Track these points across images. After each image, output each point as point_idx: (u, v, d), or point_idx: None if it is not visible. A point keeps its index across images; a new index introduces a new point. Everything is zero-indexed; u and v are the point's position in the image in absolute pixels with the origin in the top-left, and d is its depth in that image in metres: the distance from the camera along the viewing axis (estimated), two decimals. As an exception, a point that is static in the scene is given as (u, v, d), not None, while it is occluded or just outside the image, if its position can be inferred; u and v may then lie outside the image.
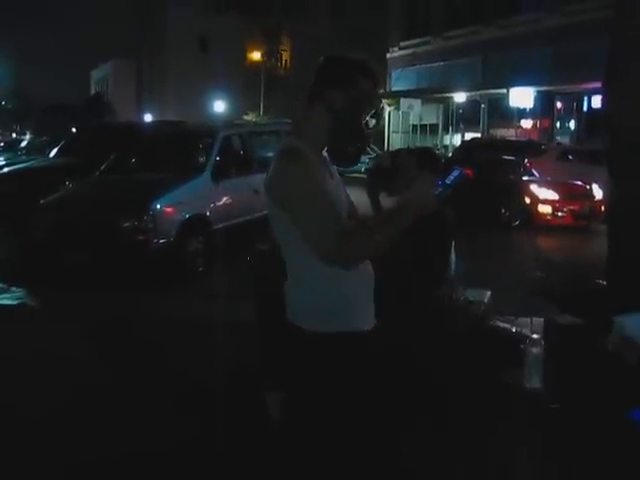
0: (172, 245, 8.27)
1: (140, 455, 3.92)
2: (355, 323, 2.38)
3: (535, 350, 3.10)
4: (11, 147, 30.19)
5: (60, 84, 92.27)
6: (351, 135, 2.41)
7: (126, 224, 8.12)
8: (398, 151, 7.35)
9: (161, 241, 8.20)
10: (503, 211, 13.88)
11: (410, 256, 3.39)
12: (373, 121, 2.42)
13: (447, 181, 2.33)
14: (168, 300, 7.40)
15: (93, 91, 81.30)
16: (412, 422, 2.96)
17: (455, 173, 2.35)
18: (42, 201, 9.03)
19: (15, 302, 7.54)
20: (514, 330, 3.62)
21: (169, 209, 8.45)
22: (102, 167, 10.05)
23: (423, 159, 4.22)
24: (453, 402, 3.20)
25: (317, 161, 2.36)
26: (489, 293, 4.33)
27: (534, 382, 3.10)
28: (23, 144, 27.37)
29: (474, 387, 3.13)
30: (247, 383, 4.24)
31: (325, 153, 2.47)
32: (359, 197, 2.51)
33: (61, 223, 8.48)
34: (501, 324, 3.76)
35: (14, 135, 62.26)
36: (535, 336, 3.18)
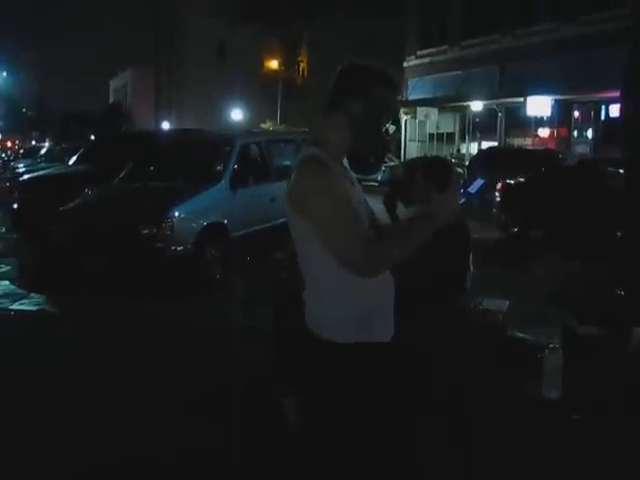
0: (190, 253, 8.34)
1: (154, 460, 3.96)
2: (375, 334, 2.37)
3: (554, 359, 3.09)
4: (30, 154, 30.55)
5: (80, 93, 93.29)
6: (371, 142, 2.41)
7: (145, 231, 8.19)
8: (413, 160, 7.34)
9: (179, 249, 8.27)
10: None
11: (430, 267, 3.40)
12: (393, 128, 2.42)
13: (470, 191, 2.33)
14: (185, 307, 7.46)
15: (112, 100, 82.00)
16: (428, 429, 2.97)
17: (478, 183, 2.36)
18: (62, 208, 9.13)
19: (34, 307, 7.63)
20: (532, 339, 3.62)
21: (187, 217, 8.52)
22: (121, 175, 10.14)
23: (433, 170, 4.23)
24: (470, 410, 3.21)
25: (338, 170, 2.36)
26: (507, 303, 4.32)
27: (553, 392, 3.09)
28: (43, 151, 27.65)
29: (491, 396, 3.13)
30: (263, 389, 4.26)
31: (345, 162, 2.47)
32: (375, 206, 2.52)
33: (80, 230, 8.58)
34: (520, 334, 3.76)
35: (33, 142, 62.90)
36: (553, 345, 3.17)
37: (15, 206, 12.02)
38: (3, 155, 47.31)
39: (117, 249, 8.24)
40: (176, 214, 8.36)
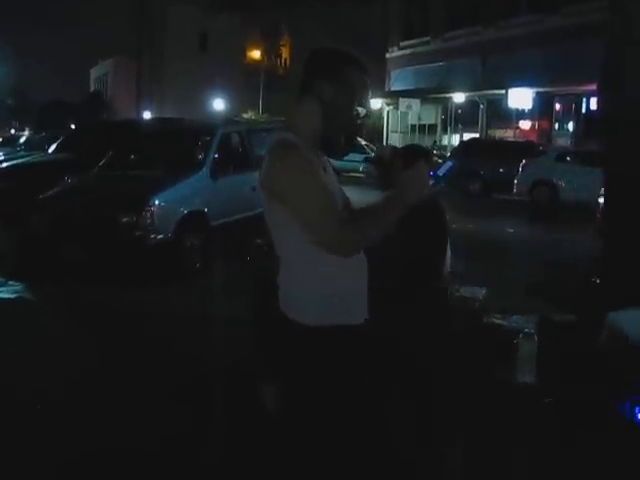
0: (170, 241, 8.30)
1: (135, 450, 3.95)
2: (349, 317, 2.39)
3: (528, 344, 3.12)
4: (10, 143, 30.20)
5: (60, 81, 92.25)
6: (343, 126, 2.42)
7: (124, 220, 8.13)
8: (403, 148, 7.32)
9: (159, 237, 8.23)
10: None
11: (400, 251, 3.40)
12: (363, 111, 2.42)
13: (439, 173, 2.34)
14: (165, 295, 7.44)
15: (92, 89, 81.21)
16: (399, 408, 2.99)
17: (447, 165, 2.37)
18: (40, 196, 9.05)
19: (12, 296, 7.56)
20: (508, 325, 3.65)
21: (167, 205, 8.46)
22: (101, 163, 10.07)
23: (408, 152, 4.24)
24: (437, 395, 3.23)
25: (311, 154, 2.37)
26: (484, 290, 4.36)
27: (527, 376, 3.12)
28: (22, 140, 27.36)
29: (466, 380, 3.16)
30: (243, 377, 4.27)
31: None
32: (356, 197, 2.53)
33: (59, 218, 8.51)
34: (496, 321, 3.79)
35: (13, 131, 62.22)
36: (528, 330, 3.20)
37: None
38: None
39: (96, 238, 8.19)
40: (156, 202, 8.30)
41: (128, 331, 6.21)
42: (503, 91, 26.72)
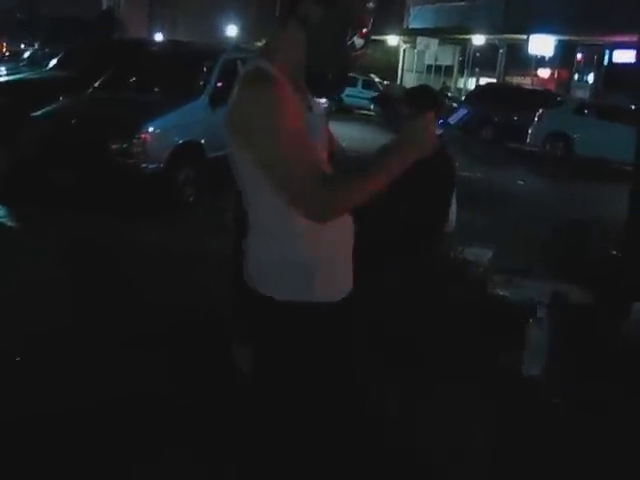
0: (162, 171, 7.84)
1: (107, 401, 3.61)
2: (326, 291, 1.98)
3: (538, 333, 2.70)
4: (15, 57, 29.49)
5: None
6: (331, 58, 1.93)
7: (114, 146, 7.67)
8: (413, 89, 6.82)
9: (151, 166, 7.77)
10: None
11: (398, 205, 2.99)
12: (360, 42, 1.91)
13: (450, 121, 1.90)
14: (153, 229, 7.05)
15: (105, 6, 79.51)
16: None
17: (461, 112, 1.93)
18: (31, 115, 8.58)
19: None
20: (516, 301, 3.23)
21: (161, 133, 7.98)
22: (96, 84, 9.54)
23: (417, 96, 3.79)
24: (437, 371, 2.86)
25: (291, 90, 1.87)
26: (491, 252, 3.93)
27: (534, 369, 2.72)
28: (25, 55, 26.60)
29: (462, 364, 2.77)
30: (218, 332, 3.91)
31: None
32: (368, 136, 2.06)
33: (48, 141, 8.05)
34: (501, 291, 3.37)
35: (22, 46, 61.01)
36: (539, 315, 2.78)
37: (-16, 111, 11.39)
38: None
39: (85, 163, 7.74)
40: (149, 129, 7.82)
41: (107, 263, 5.87)
42: (524, 36, 25.88)
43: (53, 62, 13.89)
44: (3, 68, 22.59)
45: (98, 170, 7.74)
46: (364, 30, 1.92)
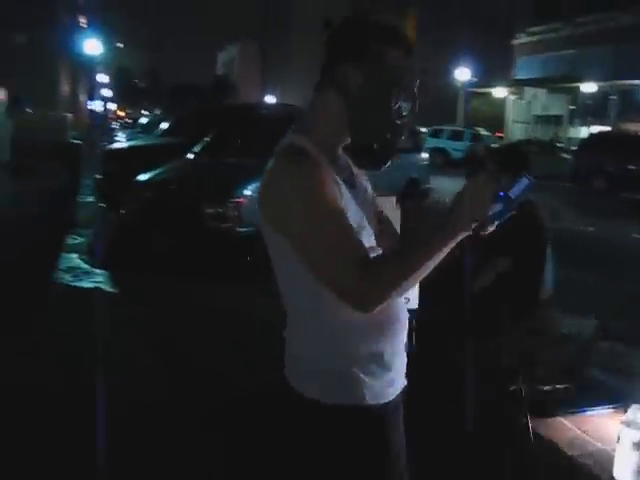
0: (256, 235, 7.84)
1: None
2: (372, 394, 1.74)
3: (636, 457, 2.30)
4: (135, 124, 31.18)
5: (189, 66, 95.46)
6: (374, 127, 1.74)
7: (209, 210, 7.77)
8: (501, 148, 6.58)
9: (245, 230, 7.81)
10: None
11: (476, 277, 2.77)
12: (408, 106, 1.74)
13: (511, 195, 1.67)
14: (245, 294, 6.99)
15: (220, 72, 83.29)
16: None
17: (523, 183, 1.69)
18: (135, 180, 8.84)
19: (91, 285, 7.34)
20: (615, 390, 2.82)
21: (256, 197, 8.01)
22: (196, 149, 9.79)
23: (507, 157, 3.58)
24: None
25: (331, 166, 1.73)
26: (595, 323, 3.52)
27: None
28: (142, 121, 27.95)
29: None
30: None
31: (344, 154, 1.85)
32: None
33: (148, 206, 8.28)
34: (602, 375, 2.98)
35: (143, 112, 64.58)
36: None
37: (97, 176, 11.95)
38: (114, 124, 48.77)
39: (181, 229, 7.88)
40: (244, 193, 7.89)
41: (197, 328, 5.86)
42: (638, 81, 24.92)
43: (163, 128, 14.42)
44: (122, 135, 23.82)
45: (193, 235, 7.84)
46: (411, 93, 1.75)
